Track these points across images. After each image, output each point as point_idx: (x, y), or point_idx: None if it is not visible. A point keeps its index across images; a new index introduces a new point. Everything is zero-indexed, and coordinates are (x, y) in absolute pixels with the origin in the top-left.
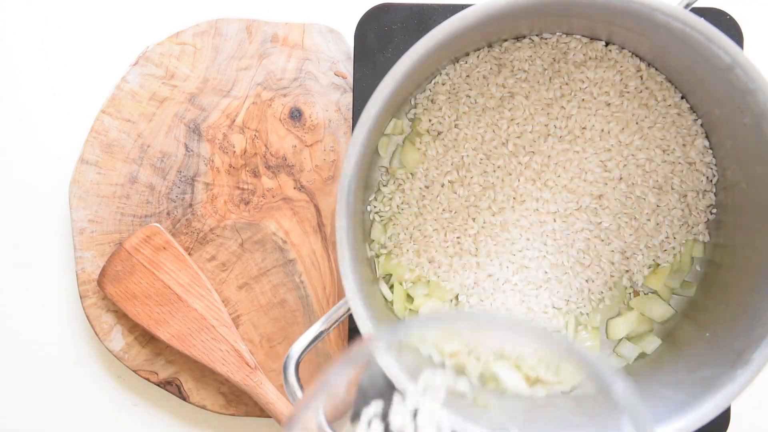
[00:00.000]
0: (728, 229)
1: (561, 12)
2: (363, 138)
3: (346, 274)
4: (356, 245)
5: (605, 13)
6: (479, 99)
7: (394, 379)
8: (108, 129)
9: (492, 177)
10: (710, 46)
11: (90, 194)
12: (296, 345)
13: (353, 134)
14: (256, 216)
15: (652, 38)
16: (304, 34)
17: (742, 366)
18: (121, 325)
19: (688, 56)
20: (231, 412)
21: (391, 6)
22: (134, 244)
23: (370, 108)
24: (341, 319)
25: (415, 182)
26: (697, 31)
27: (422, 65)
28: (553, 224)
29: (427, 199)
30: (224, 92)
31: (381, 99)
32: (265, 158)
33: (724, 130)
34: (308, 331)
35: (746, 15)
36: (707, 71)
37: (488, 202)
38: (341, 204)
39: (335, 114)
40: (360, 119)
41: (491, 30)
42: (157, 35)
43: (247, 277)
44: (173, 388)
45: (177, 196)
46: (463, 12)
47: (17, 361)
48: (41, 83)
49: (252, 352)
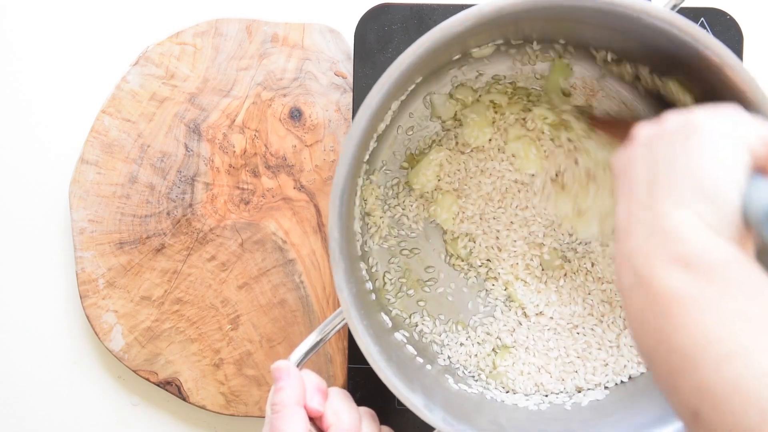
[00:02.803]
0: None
1: (550, 16)
2: (354, 147)
3: (341, 286)
4: (350, 255)
5: (594, 17)
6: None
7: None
8: (108, 129)
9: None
10: (697, 47)
11: (90, 194)
12: (294, 354)
13: (343, 145)
14: (256, 216)
15: (640, 40)
16: (304, 34)
17: None
18: (121, 325)
19: (678, 58)
20: (231, 412)
21: (391, 6)
22: None
23: (367, 103)
24: (338, 328)
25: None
26: (685, 33)
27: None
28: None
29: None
30: (224, 92)
31: (378, 93)
32: (265, 158)
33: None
34: (305, 341)
35: (746, 15)
36: (697, 71)
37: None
38: (333, 217)
39: (335, 114)
40: (356, 116)
41: (485, 32)
42: (157, 35)
43: (247, 277)
44: (173, 388)
45: (177, 196)
46: (440, 26)
47: (17, 361)
48: (41, 83)
49: (252, 352)
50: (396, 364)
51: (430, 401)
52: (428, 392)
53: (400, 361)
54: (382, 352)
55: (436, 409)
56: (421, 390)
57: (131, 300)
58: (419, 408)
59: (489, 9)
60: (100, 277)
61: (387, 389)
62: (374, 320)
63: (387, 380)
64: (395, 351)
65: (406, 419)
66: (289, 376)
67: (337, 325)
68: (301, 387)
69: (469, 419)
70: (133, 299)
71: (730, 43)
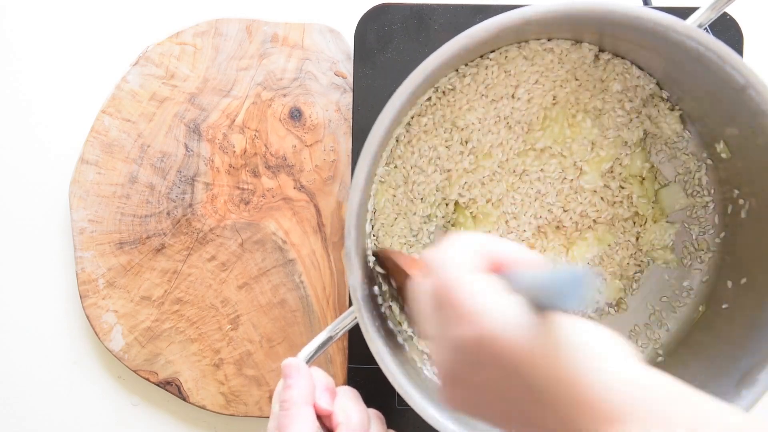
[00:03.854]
0: (737, 247)
1: (575, 27)
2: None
3: (355, 286)
4: (362, 254)
5: (621, 30)
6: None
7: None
8: (108, 129)
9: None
10: (723, 66)
11: (90, 194)
12: (303, 351)
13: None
14: (256, 216)
15: (665, 56)
16: (304, 34)
17: (748, 386)
18: (121, 325)
19: (702, 75)
20: (231, 412)
21: (391, 6)
22: None
23: (395, 99)
24: (348, 327)
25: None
26: (711, 51)
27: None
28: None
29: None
30: (224, 92)
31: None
32: (265, 158)
33: (737, 151)
34: (315, 338)
35: (746, 15)
36: (720, 91)
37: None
38: (350, 217)
39: (335, 114)
40: (383, 111)
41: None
42: (157, 35)
43: (247, 277)
44: (173, 388)
45: (177, 196)
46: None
47: (17, 361)
48: (41, 83)
49: (252, 352)
50: (404, 365)
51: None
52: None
53: (407, 362)
54: (392, 355)
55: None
56: (429, 393)
57: (131, 300)
58: (432, 415)
59: (515, 16)
60: (100, 277)
61: (387, 389)
62: (384, 322)
63: (396, 383)
64: (404, 353)
65: (407, 419)
66: (299, 374)
67: (348, 324)
68: (310, 385)
69: (475, 425)
70: (133, 299)
71: (731, 43)
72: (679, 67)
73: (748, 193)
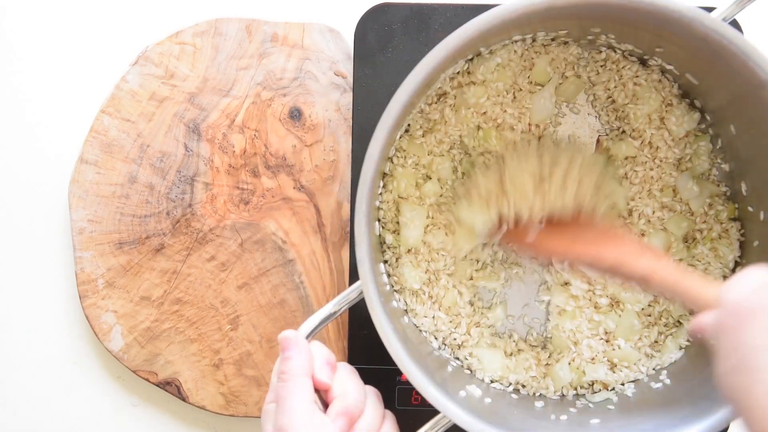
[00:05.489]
0: (754, 252)
1: (592, 15)
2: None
3: (363, 259)
4: (370, 232)
5: (645, 21)
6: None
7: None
8: (108, 129)
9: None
10: (746, 61)
11: (89, 194)
12: (305, 325)
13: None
14: (256, 216)
15: (688, 49)
16: (304, 33)
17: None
18: (120, 325)
19: (722, 70)
20: (230, 413)
21: (391, 6)
22: None
23: (408, 83)
24: (353, 302)
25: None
26: (734, 45)
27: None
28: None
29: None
30: (224, 92)
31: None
32: (265, 158)
33: (754, 151)
34: (319, 311)
35: (746, 15)
36: (741, 87)
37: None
38: (363, 191)
39: (335, 114)
40: (400, 89)
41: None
42: (157, 35)
43: (247, 277)
44: (173, 388)
45: (176, 196)
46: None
47: (17, 361)
48: (41, 83)
49: (251, 352)
50: (407, 343)
51: (442, 389)
52: (434, 374)
53: (408, 340)
54: (395, 330)
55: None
56: (430, 372)
57: (131, 300)
58: (433, 394)
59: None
60: (100, 277)
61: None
62: (388, 302)
63: (398, 359)
64: (407, 331)
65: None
66: (297, 346)
67: (353, 299)
68: (308, 358)
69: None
70: (133, 299)
71: None
72: (701, 63)
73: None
